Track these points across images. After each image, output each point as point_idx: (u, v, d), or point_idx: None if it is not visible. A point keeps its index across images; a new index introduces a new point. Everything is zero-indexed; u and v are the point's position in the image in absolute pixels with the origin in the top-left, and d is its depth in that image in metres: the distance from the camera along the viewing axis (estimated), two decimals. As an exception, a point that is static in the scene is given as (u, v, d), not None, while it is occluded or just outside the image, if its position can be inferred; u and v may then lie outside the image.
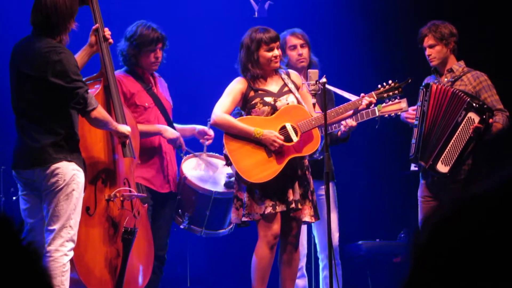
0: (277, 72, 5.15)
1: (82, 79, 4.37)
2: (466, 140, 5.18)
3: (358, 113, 5.19)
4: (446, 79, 5.39)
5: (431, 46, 5.38)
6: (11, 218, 1.26)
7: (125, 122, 4.67)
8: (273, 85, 5.12)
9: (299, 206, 4.93)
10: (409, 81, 5.19)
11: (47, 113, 4.31)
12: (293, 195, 4.93)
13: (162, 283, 5.44)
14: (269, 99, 5.04)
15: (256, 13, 7.25)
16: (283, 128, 4.99)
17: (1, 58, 4.79)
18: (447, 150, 5.21)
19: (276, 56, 5.02)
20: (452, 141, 5.21)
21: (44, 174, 4.29)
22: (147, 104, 5.29)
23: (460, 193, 1.08)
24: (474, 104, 5.14)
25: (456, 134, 5.20)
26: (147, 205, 5.07)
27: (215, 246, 7.05)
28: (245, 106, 5.09)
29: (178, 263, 6.87)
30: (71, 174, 4.30)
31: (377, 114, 5.22)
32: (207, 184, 5.42)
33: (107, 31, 4.70)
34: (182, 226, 5.38)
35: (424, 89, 5.32)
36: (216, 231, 5.44)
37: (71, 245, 4.32)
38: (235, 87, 5.07)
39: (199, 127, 5.49)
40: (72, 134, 4.36)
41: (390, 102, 5.22)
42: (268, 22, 5.54)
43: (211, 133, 5.46)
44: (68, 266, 4.32)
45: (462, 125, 5.18)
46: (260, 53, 5.01)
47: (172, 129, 5.29)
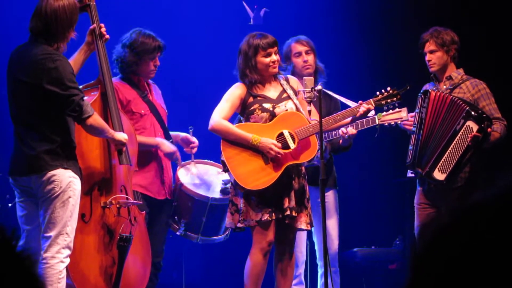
0: (276, 78, 5.18)
1: (78, 86, 4.39)
2: (464, 148, 5.21)
3: (358, 121, 5.22)
4: (444, 86, 5.43)
5: (431, 52, 5.42)
6: (2, 225, 1.27)
7: (122, 129, 4.70)
8: (272, 91, 5.15)
9: (294, 214, 4.96)
10: (408, 88, 5.24)
11: (43, 120, 4.34)
12: (289, 202, 4.96)
13: (158, 290, 5.40)
14: (267, 106, 5.08)
15: (252, 20, 7.27)
16: (281, 135, 5.03)
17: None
18: (444, 157, 5.23)
19: (274, 61, 5.06)
20: (450, 149, 5.23)
21: (40, 181, 4.32)
22: (143, 111, 5.33)
23: (457, 201, 1.09)
24: (473, 112, 5.17)
25: (454, 142, 5.23)
26: (144, 212, 5.10)
27: (211, 252, 7.05)
28: (243, 112, 5.13)
29: (174, 270, 6.84)
30: (68, 181, 4.33)
31: (377, 122, 5.25)
32: (203, 191, 5.45)
33: (102, 27, 4.71)
34: (178, 233, 5.41)
35: (423, 96, 5.36)
36: (211, 237, 5.47)
37: (68, 252, 4.34)
38: (234, 92, 5.11)
39: (182, 134, 5.53)
40: (69, 141, 4.39)
41: (391, 111, 5.26)
42: (264, 29, 5.55)
43: (195, 140, 5.49)
44: (64, 273, 4.34)
45: (460, 133, 5.21)
46: (257, 59, 5.05)
47: (169, 143, 5.33)
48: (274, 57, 5.05)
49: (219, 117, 5.03)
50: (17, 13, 5.95)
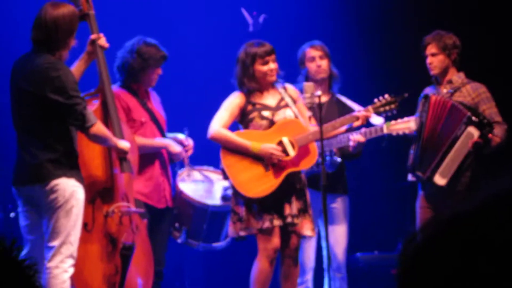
0: (274, 86, 5.20)
1: (81, 95, 4.43)
2: (464, 154, 5.23)
3: (367, 130, 5.24)
4: (445, 90, 5.46)
5: (433, 55, 5.44)
6: (2, 235, 1.29)
7: (123, 137, 4.71)
8: (270, 99, 5.18)
9: (296, 221, 4.98)
10: (406, 95, 5.28)
11: (46, 129, 4.37)
12: (290, 209, 4.99)
13: (160, 298, 5.41)
14: (266, 113, 5.11)
15: (251, 27, 7.29)
16: (280, 142, 5.05)
17: (2, 74, 4.85)
18: (445, 162, 5.26)
19: (271, 69, 5.09)
20: (451, 154, 5.26)
21: (43, 190, 4.34)
22: (143, 119, 5.35)
23: (458, 205, 1.08)
24: (474, 118, 5.20)
25: (455, 147, 5.25)
26: (146, 220, 5.12)
27: (213, 260, 7.02)
28: (242, 120, 5.16)
29: (176, 278, 6.82)
30: (71, 190, 4.35)
31: (385, 131, 5.26)
32: (204, 198, 5.47)
33: (102, 36, 4.74)
34: (179, 241, 5.43)
35: (423, 100, 5.40)
36: (212, 244, 5.49)
37: (71, 261, 4.34)
38: (233, 101, 5.14)
39: (178, 136, 5.51)
40: (71, 150, 4.42)
41: (400, 120, 5.28)
42: (263, 35, 5.58)
43: (190, 142, 5.48)
44: (68, 282, 4.35)
45: (461, 139, 5.23)
46: (255, 67, 5.08)
47: (176, 144, 5.36)
48: (272, 65, 5.09)
49: (218, 125, 5.07)
50: (19, 23, 5.95)
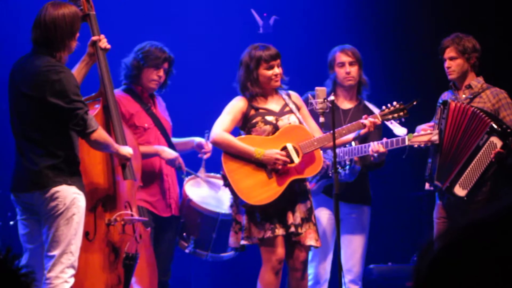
0: (277, 92, 5.17)
1: (82, 99, 4.40)
2: (486, 164, 5.16)
3: (388, 140, 5.21)
4: (464, 95, 5.39)
5: (451, 59, 5.38)
6: None
7: (125, 143, 4.68)
8: (274, 104, 5.14)
9: (299, 231, 4.94)
10: (415, 103, 5.23)
11: (46, 134, 4.34)
12: (293, 218, 4.94)
13: (165, 310, 5.41)
14: (270, 118, 5.07)
15: (261, 29, 7.25)
16: (284, 148, 5.00)
17: (1, 77, 4.82)
18: (466, 173, 5.20)
19: (276, 74, 5.04)
20: (472, 164, 5.19)
21: (43, 198, 4.31)
22: (146, 125, 5.32)
23: (475, 214, 1.08)
24: (496, 127, 5.13)
25: (477, 157, 5.19)
26: (150, 228, 5.09)
27: (220, 270, 7.01)
28: (245, 125, 5.11)
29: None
30: (72, 197, 4.31)
31: (407, 143, 5.21)
32: (213, 206, 5.42)
33: (103, 37, 4.72)
34: (187, 251, 5.39)
35: (442, 106, 5.32)
36: (221, 254, 5.45)
37: (72, 271, 4.31)
38: (236, 105, 5.10)
39: (197, 140, 5.50)
40: (73, 156, 4.38)
41: (422, 132, 5.24)
42: (274, 38, 5.53)
43: (209, 146, 5.46)
44: (68, 293, 4.34)
45: (483, 149, 5.16)
46: (259, 71, 5.03)
47: (170, 150, 5.31)
48: (277, 70, 5.04)
49: (220, 129, 5.02)
50: (19, 23, 5.95)
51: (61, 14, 4.37)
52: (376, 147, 5.20)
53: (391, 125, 5.38)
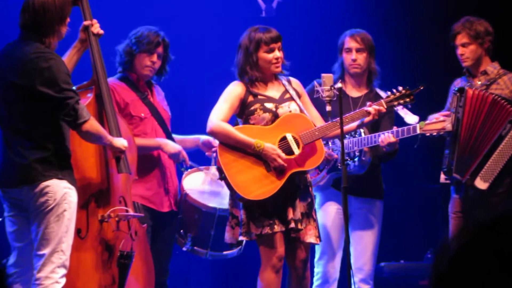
0: (277, 78, 5.09)
1: (73, 88, 4.34)
2: (510, 155, 5.14)
3: (399, 129, 5.16)
4: (479, 82, 5.33)
5: (464, 45, 5.32)
6: None
7: (119, 134, 4.63)
8: (273, 91, 5.06)
9: (300, 226, 4.85)
10: (421, 88, 5.13)
11: (35, 125, 4.27)
12: (293, 213, 4.85)
13: (163, 311, 5.42)
14: (270, 105, 4.98)
15: (264, 13, 7.26)
16: (284, 139, 4.91)
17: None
18: (487, 165, 5.15)
19: (277, 58, 4.95)
20: (494, 155, 5.15)
21: (32, 193, 4.25)
22: (143, 115, 5.25)
23: (494, 209, 1.08)
24: None
25: (499, 148, 5.15)
26: (146, 225, 5.03)
27: (221, 269, 7.01)
28: (242, 113, 5.02)
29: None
30: (62, 192, 4.26)
31: (418, 131, 5.16)
32: (211, 201, 5.35)
33: (96, 22, 4.69)
34: (185, 248, 5.31)
35: (458, 94, 5.24)
36: (223, 252, 5.36)
37: (63, 271, 4.27)
38: (233, 91, 5.00)
39: (203, 137, 5.43)
40: (63, 148, 4.32)
41: (434, 120, 5.18)
42: (277, 22, 5.43)
43: (217, 143, 5.34)
44: (59, 294, 4.32)
45: (506, 139, 5.13)
46: (259, 55, 4.95)
47: (173, 143, 5.25)
48: (278, 54, 4.95)
49: (217, 119, 4.94)
50: (6, 9, 5.85)
51: None
52: (386, 137, 5.15)
53: (402, 112, 5.32)
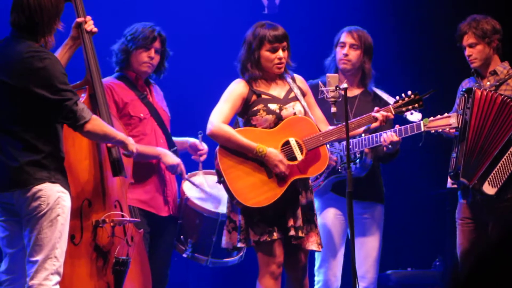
0: (282, 76, 5.01)
1: (70, 88, 4.27)
2: None
3: (402, 128, 5.12)
4: (488, 83, 5.30)
5: (471, 46, 5.31)
6: None
7: None
8: (277, 90, 4.99)
9: (301, 234, 4.80)
10: (431, 92, 5.07)
11: (27, 127, 4.20)
12: (294, 221, 4.80)
13: (162, 320, 5.43)
14: (274, 107, 4.91)
15: (266, 9, 7.28)
16: (287, 143, 4.84)
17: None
18: (496, 169, 5.12)
19: (280, 58, 4.88)
20: (504, 159, 5.13)
21: (24, 197, 4.19)
22: (142, 115, 5.23)
23: (508, 213, 1.15)
24: None
25: (509, 152, 5.12)
26: (143, 230, 5.00)
27: (221, 277, 7.02)
28: (245, 112, 4.95)
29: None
30: (56, 197, 4.19)
31: (423, 129, 5.12)
32: (212, 206, 5.32)
33: (89, 19, 4.66)
34: (185, 255, 5.29)
35: (466, 95, 5.20)
36: (223, 259, 5.34)
37: (57, 278, 4.21)
38: (235, 91, 4.93)
39: (191, 140, 5.47)
40: (57, 151, 4.26)
41: (439, 116, 5.14)
42: (279, 19, 5.37)
43: (204, 147, 5.42)
44: (52, 302, 4.31)
45: None
46: (261, 53, 4.88)
47: (172, 155, 5.24)
48: (281, 54, 4.88)
49: (218, 120, 4.87)
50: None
51: None
52: (388, 136, 5.09)
53: None
